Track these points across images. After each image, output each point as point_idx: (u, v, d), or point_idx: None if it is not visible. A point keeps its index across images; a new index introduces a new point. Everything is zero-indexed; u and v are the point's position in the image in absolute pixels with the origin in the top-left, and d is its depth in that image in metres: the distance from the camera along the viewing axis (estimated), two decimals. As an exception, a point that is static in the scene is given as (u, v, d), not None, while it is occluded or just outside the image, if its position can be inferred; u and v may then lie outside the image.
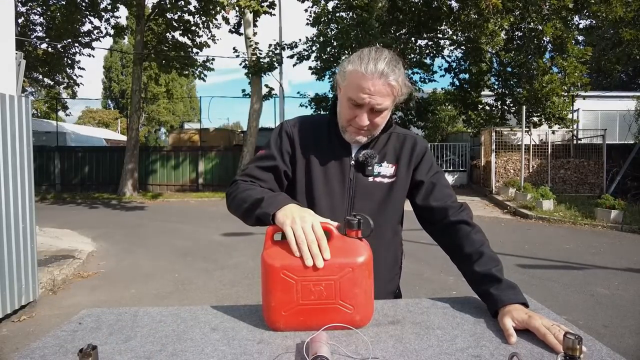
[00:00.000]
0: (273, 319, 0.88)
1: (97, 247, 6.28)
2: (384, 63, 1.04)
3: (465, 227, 1.10)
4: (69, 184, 15.19)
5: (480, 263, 1.03)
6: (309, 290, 0.86)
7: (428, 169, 1.20)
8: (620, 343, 2.98)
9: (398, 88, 1.07)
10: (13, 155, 3.44)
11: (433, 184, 1.18)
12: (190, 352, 0.79)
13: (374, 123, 1.10)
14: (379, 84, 1.04)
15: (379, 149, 1.19)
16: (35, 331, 3.25)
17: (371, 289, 0.90)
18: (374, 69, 1.03)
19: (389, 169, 1.18)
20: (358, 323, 0.88)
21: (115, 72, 36.36)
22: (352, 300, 0.87)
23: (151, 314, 1.00)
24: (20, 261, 3.51)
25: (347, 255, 0.88)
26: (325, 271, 0.86)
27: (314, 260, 0.85)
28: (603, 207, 7.89)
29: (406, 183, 1.20)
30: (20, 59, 3.74)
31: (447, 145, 15.77)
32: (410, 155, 1.20)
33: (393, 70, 1.05)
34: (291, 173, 1.20)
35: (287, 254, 0.88)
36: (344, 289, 0.86)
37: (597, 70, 16.88)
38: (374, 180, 1.17)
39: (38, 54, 14.27)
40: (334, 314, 0.87)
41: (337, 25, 12.40)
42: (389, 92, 1.06)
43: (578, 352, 0.67)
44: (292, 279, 0.86)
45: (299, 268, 0.86)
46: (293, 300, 0.86)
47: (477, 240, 1.07)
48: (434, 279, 4.53)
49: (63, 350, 0.81)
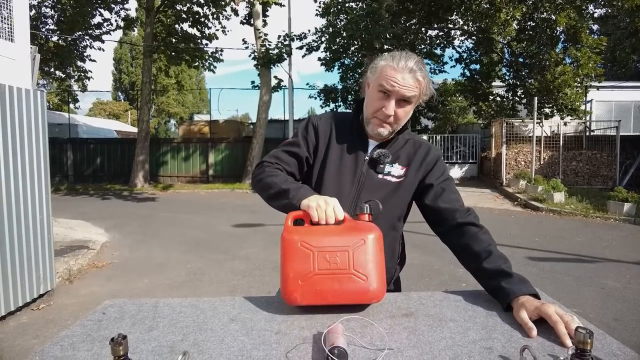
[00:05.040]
0: (290, 289, 0.92)
1: (110, 237, 6.40)
2: (414, 62, 1.16)
3: (473, 228, 1.15)
4: (81, 175, 15.41)
5: (489, 260, 1.06)
6: (325, 260, 0.92)
7: (439, 175, 1.26)
8: (631, 337, 2.98)
9: (424, 85, 1.19)
10: (30, 148, 3.51)
11: (442, 189, 1.24)
12: (211, 342, 0.83)
13: (397, 115, 1.20)
14: (408, 77, 1.15)
15: (394, 151, 1.28)
16: (54, 319, 3.34)
17: (382, 265, 0.96)
18: (404, 65, 1.15)
19: (399, 170, 1.26)
20: (372, 293, 0.92)
21: (125, 64, 36.56)
22: (365, 270, 0.92)
23: (171, 304, 1.03)
24: (38, 251, 3.60)
25: (359, 231, 0.97)
26: (340, 242, 0.94)
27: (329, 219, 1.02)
28: (615, 199, 7.80)
29: (412, 186, 1.27)
30: (34, 53, 3.79)
31: (457, 136, 15.64)
32: (422, 161, 1.27)
33: (421, 69, 1.17)
34: (312, 161, 1.31)
35: (306, 231, 0.99)
36: (357, 259, 0.92)
37: (612, 60, 16.56)
38: (383, 177, 1.25)
39: (49, 47, 14.41)
40: (349, 283, 0.91)
41: (347, 16, 12.32)
42: (416, 86, 1.17)
43: (589, 346, 0.68)
44: (309, 249, 0.93)
45: (317, 239, 0.94)
46: (310, 270, 0.92)
47: (485, 240, 1.11)
48: (444, 271, 4.55)
49: (90, 338, 0.85)
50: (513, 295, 0.94)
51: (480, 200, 9.93)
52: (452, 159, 15.22)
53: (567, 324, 0.81)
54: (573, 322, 0.81)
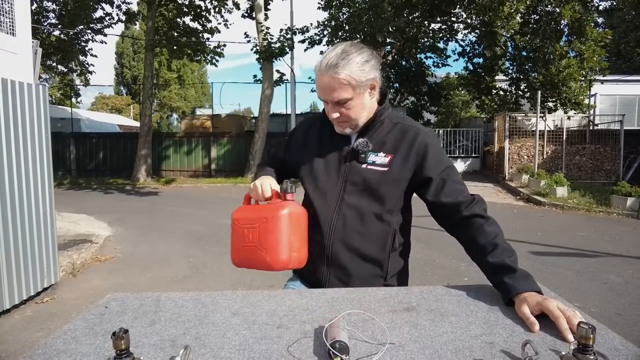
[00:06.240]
0: (233, 257, 1.23)
1: (113, 231, 6.42)
2: (334, 56, 1.11)
3: (478, 220, 1.12)
4: (84, 169, 15.46)
5: (494, 254, 1.04)
6: (244, 235, 1.18)
7: (436, 165, 1.19)
8: (633, 331, 2.98)
9: (351, 77, 1.12)
10: (32, 142, 3.51)
11: (443, 180, 1.18)
12: (212, 336, 0.83)
13: (345, 115, 1.18)
14: (328, 80, 1.12)
15: (379, 137, 1.23)
16: (57, 312, 3.37)
17: (287, 239, 1.11)
18: (321, 66, 1.13)
19: (383, 158, 1.21)
20: (270, 264, 1.11)
21: (127, 58, 36.49)
22: (265, 244, 1.12)
23: (173, 299, 1.03)
24: (41, 245, 3.62)
25: (268, 210, 1.16)
26: (252, 220, 1.17)
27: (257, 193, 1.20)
28: (619, 194, 7.76)
29: (402, 176, 1.21)
30: (36, 47, 3.79)
31: (460, 130, 15.58)
32: (409, 149, 1.20)
33: (343, 59, 1.11)
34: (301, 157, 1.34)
35: (243, 209, 1.24)
36: (261, 234, 1.14)
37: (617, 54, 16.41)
38: (368, 167, 1.21)
39: (51, 41, 14.38)
40: (256, 255, 1.14)
41: (349, 9, 12.23)
42: (340, 84, 1.12)
43: (591, 341, 0.68)
44: (239, 226, 1.21)
45: (243, 218, 1.20)
46: (239, 242, 1.20)
47: (491, 232, 1.09)
48: (446, 265, 4.55)
49: (92, 332, 0.85)
50: (515, 292, 0.94)
51: (482, 195, 9.74)
52: (454, 153, 15.17)
53: (569, 319, 0.81)
54: (575, 317, 0.81)
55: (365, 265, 1.22)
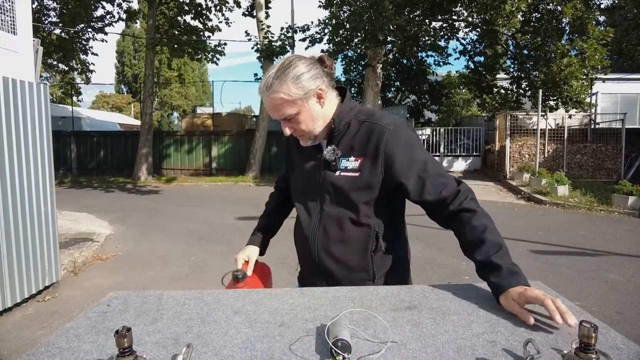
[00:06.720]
0: None
1: (114, 230, 6.43)
2: (269, 77, 1.11)
3: (465, 214, 1.08)
4: (85, 168, 15.47)
5: (480, 251, 1.02)
6: None
7: (408, 165, 1.13)
8: (634, 330, 2.98)
9: (288, 94, 1.10)
10: (33, 141, 3.52)
11: (421, 179, 1.13)
12: (214, 334, 0.83)
13: (298, 129, 1.17)
14: (269, 101, 1.13)
15: (347, 141, 1.19)
16: (59, 310, 3.37)
17: None
18: (260, 87, 1.14)
19: (354, 162, 1.17)
20: None
21: (128, 57, 36.49)
22: None
23: (175, 297, 1.04)
24: (43, 244, 3.63)
25: None
26: None
27: None
28: (620, 193, 7.75)
29: (373, 179, 1.16)
30: (37, 46, 3.79)
31: (461, 129, 15.56)
32: (376, 149, 1.14)
33: (277, 78, 1.10)
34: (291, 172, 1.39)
35: None
36: None
37: (618, 52, 16.36)
38: (340, 174, 1.18)
39: (52, 40, 14.38)
40: None
41: (350, 8, 12.19)
42: (281, 102, 1.11)
43: (593, 340, 0.68)
44: None
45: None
46: None
47: (478, 227, 1.05)
48: (446, 264, 4.55)
49: (95, 330, 0.86)
50: (502, 290, 0.93)
51: (483, 193, 9.91)
52: (455, 152, 15.17)
53: (555, 301, 0.84)
54: (558, 302, 0.84)
55: (351, 271, 1.23)
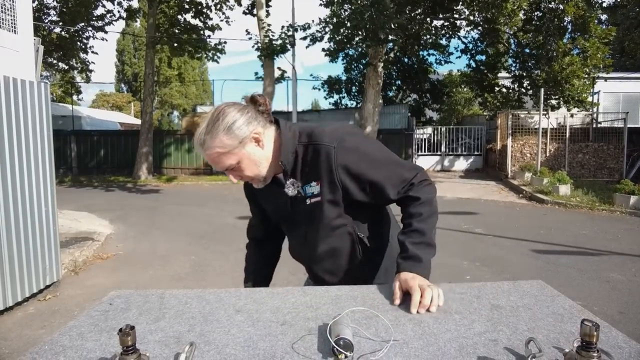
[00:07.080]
0: None
1: (114, 229, 6.44)
2: (200, 133, 1.08)
3: (408, 201, 1.15)
4: (85, 167, 15.48)
5: (403, 233, 1.12)
6: None
7: (357, 175, 1.12)
8: (635, 329, 2.97)
9: (222, 147, 1.07)
10: (34, 140, 3.52)
11: (380, 184, 1.13)
12: (217, 333, 0.83)
13: (244, 176, 1.14)
14: (206, 155, 1.10)
15: (302, 168, 1.16)
16: (60, 309, 3.38)
17: None
18: (198, 140, 1.09)
19: (316, 187, 1.16)
20: None
21: (128, 56, 36.48)
22: None
23: (177, 296, 1.04)
24: (43, 243, 3.63)
25: None
26: None
27: None
28: (622, 192, 7.74)
29: (335, 198, 1.15)
30: (38, 45, 3.79)
31: (463, 128, 15.56)
32: (329, 172, 1.12)
33: (208, 133, 1.07)
34: (263, 204, 1.35)
35: None
36: None
37: (620, 51, 16.33)
38: (310, 201, 1.17)
39: (52, 38, 14.38)
40: None
41: (351, 6, 12.17)
42: (219, 154, 1.08)
43: (595, 339, 0.68)
44: None
45: None
46: None
47: (413, 214, 1.12)
48: (448, 264, 4.55)
49: (97, 328, 0.86)
50: (398, 270, 1.04)
51: (485, 193, 9.90)
52: (457, 151, 15.16)
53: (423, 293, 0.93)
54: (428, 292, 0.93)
55: (345, 278, 1.27)
